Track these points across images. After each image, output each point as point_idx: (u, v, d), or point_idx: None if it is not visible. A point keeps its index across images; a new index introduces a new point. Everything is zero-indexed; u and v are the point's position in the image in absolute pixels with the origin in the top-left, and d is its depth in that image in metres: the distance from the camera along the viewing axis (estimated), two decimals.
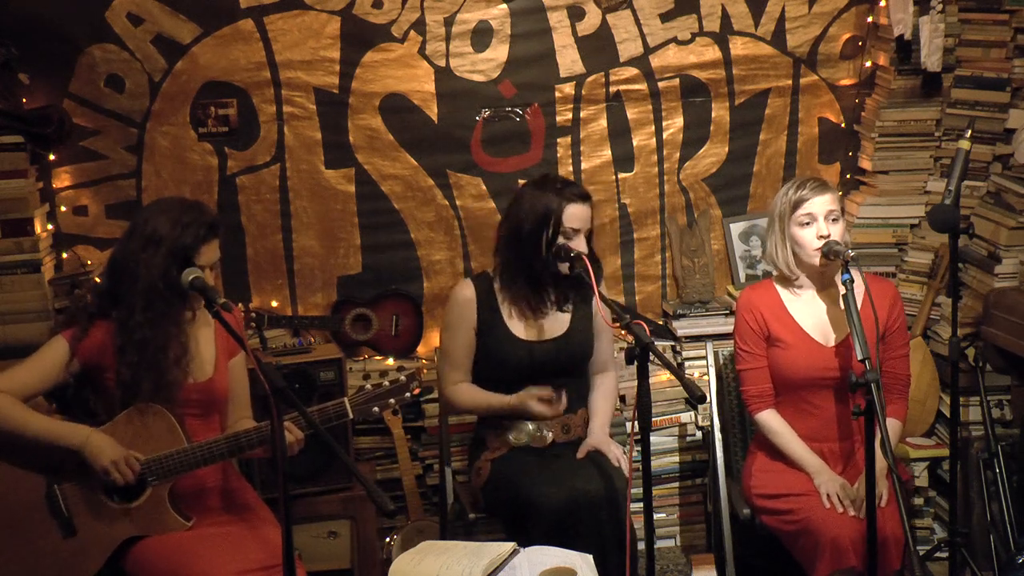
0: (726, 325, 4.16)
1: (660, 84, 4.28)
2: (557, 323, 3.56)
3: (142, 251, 2.97)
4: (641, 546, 3.23)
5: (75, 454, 2.92)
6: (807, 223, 3.37)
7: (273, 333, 4.16)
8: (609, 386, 3.66)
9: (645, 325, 3.01)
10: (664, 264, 4.43)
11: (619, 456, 3.44)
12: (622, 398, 4.13)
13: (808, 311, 3.47)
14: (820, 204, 3.36)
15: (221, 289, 4.09)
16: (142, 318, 2.96)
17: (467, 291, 3.55)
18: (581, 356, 3.60)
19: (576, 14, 4.20)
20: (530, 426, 3.55)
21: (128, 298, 2.98)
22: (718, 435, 3.81)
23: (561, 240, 3.42)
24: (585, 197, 3.47)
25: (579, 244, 3.42)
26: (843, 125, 4.42)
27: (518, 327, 3.54)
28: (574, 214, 3.42)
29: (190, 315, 3.09)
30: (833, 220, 3.37)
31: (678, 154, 4.35)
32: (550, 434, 3.55)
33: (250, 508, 3.16)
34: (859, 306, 3.25)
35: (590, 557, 2.99)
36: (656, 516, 4.07)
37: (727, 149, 4.38)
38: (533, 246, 3.43)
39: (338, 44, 4.11)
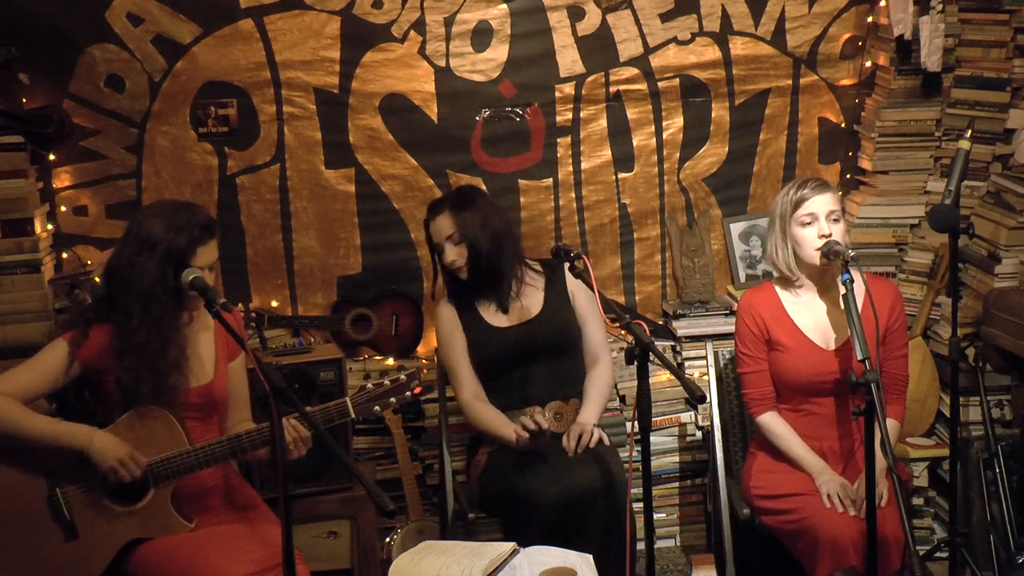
0: (726, 325, 4.16)
1: (660, 84, 4.28)
2: (530, 306, 3.68)
3: (137, 256, 2.97)
4: (641, 546, 3.23)
5: (77, 455, 2.92)
6: (808, 223, 3.37)
7: (273, 333, 4.16)
8: (600, 376, 3.71)
9: (645, 325, 3.01)
10: (664, 264, 4.43)
11: (597, 436, 3.50)
12: (622, 398, 4.14)
13: (808, 314, 3.47)
14: (821, 203, 3.37)
15: (221, 290, 4.10)
16: (139, 322, 2.96)
17: (446, 306, 3.74)
18: (558, 333, 3.67)
19: (576, 14, 4.20)
20: (523, 417, 3.58)
21: (125, 303, 2.98)
22: (718, 435, 3.81)
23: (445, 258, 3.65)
24: (434, 211, 3.68)
25: (452, 255, 3.63)
26: (843, 125, 4.41)
27: (495, 318, 3.68)
28: (432, 230, 3.69)
29: (187, 318, 3.08)
30: (834, 220, 3.37)
31: (678, 154, 4.35)
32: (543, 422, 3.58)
33: (251, 508, 3.16)
34: (859, 307, 3.26)
35: (590, 557, 2.99)
36: (656, 516, 4.08)
37: (727, 149, 4.37)
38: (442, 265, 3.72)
39: (338, 44, 4.11)
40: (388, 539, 3.92)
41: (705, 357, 3.92)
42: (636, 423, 2.92)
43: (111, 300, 3.02)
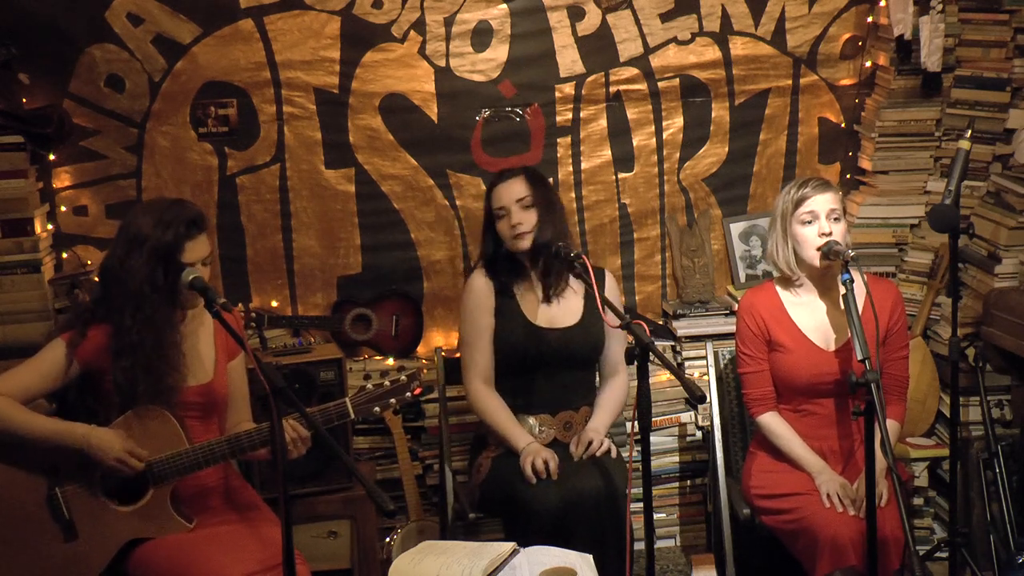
0: (726, 325, 4.16)
1: (660, 84, 4.28)
2: (570, 312, 3.61)
3: (127, 255, 2.98)
4: (641, 546, 3.23)
5: (76, 454, 2.92)
6: (809, 221, 3.38)
7: (273, 333, 4.16)
8: (617, 388, 3.67)
9: (645, 325, 3.01)
10: (664, 264, 4.43)
11: (606, 447, 3.47)
12: None
13: (809, 314, 3.47)
14: (822, 202, 3.37)
15: (221, 289, 4.10)
16: (132, 322, 2.96)
17: (482, 278, 3.63)
18: (590, 348, 3.63)
19: (576, 14, 4.20)
20: (531, 420, 3.57)
21: (119, 302, 2.98)
22: (718, 435, 3.81)
23: (499, 225, 3.57)
24: (504, 176, 3.63)
25: (519, 218, 3.51)
26: (843, 125, 4.42)
27: (532, 312, 3.59)
28: (495, 195, 3.58)
29: (182, 316, 3.08)
30: (835, 219, 3.38)
31: (678, 154, 4.35)
32: (551, 432, 3.57)
33: (251, 508, 3.16)
34: (860, 307, 3.26)
35: (590, 557, 2.99)
36: (656, 516, 4.08)
37: (727, 149, 4.37)
38: (490, 235, 3.63)
39: (338, 44, 4.11)
40: (388, 539, 3.92)
41: (705, 357, 3.92)
42: (636, 423, 2.92)
43: (107, 300, 3.03)
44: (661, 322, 4.40)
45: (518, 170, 3.64)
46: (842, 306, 3.25)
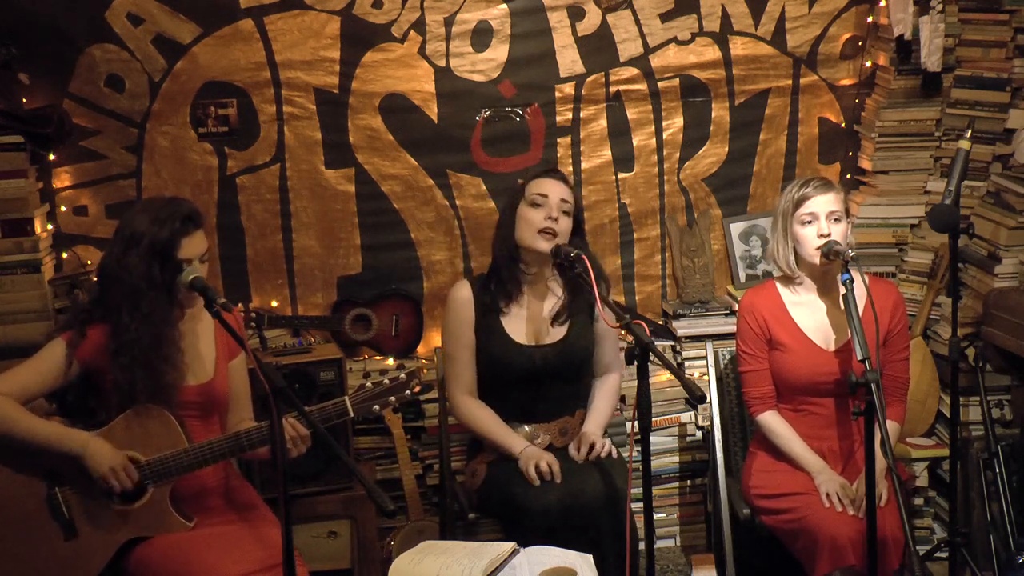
0: (726, 325, 4.16)
1: (660, 84, 4.28)
2: (556, 328, 3.57)
3: (124, 253, 2.97)
4: (641, 546, 3.23)
5: (73, 460, 2.92)
6: (809, 222, 3.38)
7: (273, 333, 4.16)
8: (610, 386, 3.66)
9: (645, 325, 3.01)
10: (664, 264, 4.43)
11: (608, 448, 3.44)
12: (622, 398, 4.13)
13: (810, 314, 3.48)
14: (822, 203, 3.37)
15: (221, 288, 4.10)
16: (129, 319, 2.96)
17: (464, 291, 3.59)
18: (580, 361, 3.61)
19: (576, 14, 4.20)
20: (526, 428, 3.56)
21: (117, 301, 2.98)
22: (718, 435, 3.80)
23: (524, 207, 3.48)
24: (557, 174, 3.57)
25: (558, 215, 3.44)
26: (843, 125, 4.42)
27: (516, 330, 3.55)
28: (542, 183, 3.50)
29: (180, 314, 3.08)
30: (835, 220, 3.38)
31: (678, 154, 4.35)
32: (547, 438, 3.56)
33: (251, 507, 3.16)
34: (860, 307, 3.26)
35: (590, 557, 2.99)
36: (656, 516, 4.08)
37: (727, 149, 4.38)
38: (507, 223, 3.53)
39: (338, 44, 4.11)
40: (388, 539, 3.92)
41: (705, 357, 3.92)
42: (636, 423, 2.92)
43: (105, 299, 3.02)
44: (661, 322, 4.40)
45: (565, 177, 3.59)
46: (842, 306, 3.26)
